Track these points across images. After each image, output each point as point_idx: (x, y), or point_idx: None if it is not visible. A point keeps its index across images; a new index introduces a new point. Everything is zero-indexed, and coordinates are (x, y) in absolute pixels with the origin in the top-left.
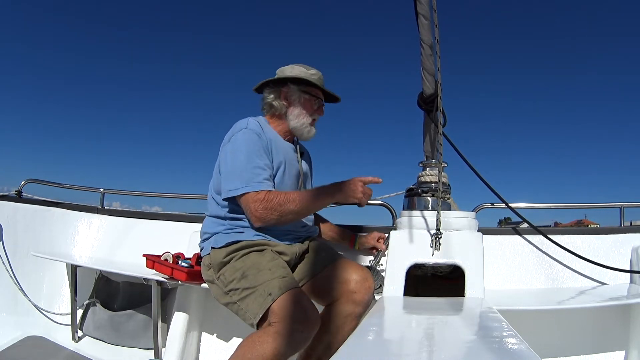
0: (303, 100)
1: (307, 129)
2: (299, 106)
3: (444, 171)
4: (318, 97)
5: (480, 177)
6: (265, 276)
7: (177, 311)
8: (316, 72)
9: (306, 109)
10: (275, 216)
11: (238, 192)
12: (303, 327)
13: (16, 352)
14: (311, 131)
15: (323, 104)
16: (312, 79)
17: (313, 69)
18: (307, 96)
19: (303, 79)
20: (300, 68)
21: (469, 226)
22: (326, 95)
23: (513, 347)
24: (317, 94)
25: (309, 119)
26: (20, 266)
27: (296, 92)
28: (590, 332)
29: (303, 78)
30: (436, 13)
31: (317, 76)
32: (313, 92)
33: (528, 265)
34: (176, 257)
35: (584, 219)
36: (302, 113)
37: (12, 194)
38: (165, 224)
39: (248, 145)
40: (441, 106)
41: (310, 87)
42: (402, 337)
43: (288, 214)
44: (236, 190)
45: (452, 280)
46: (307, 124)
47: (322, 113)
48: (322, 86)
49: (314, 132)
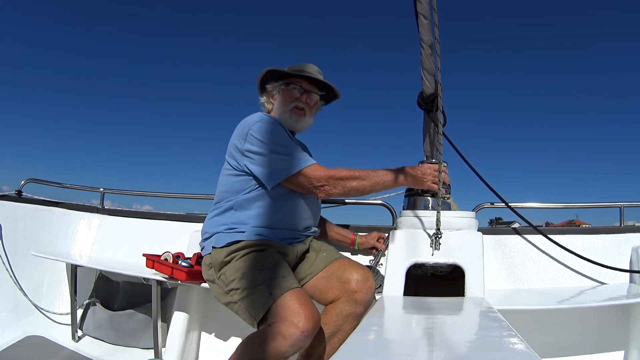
0: (282, 92)
1: (292, 117)
2: (279, 99)
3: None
4: (294, 83)
5: (480, 177)
6: (266, 276)
7: (177, 311)
8: (302, 65)
9: (285, 99)
10: (340, 189)
11: (294, 170)
12: (303, 326)
13: (16, 352)
14: (299, 121)
15: (305, 90)
16: (288, 70)
17: (302, 64)
18: (284, 86)
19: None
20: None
21: (469, 226)
22: (323, 88)
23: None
24: (292, 82)
25: (288, 106)
26: (20, 266)
27: (276, 87)
28: (590, 332)
29: (275, 70)
30: (436, 13)
31: (302, 68)
32: (289, 81)
33: (528, 265)
34: (176, 256)
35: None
36: (282, 102)
37: (12, 193)
38: (165, 224)
39: (275, 130)
40: (441, 106)
41: (290, 78)
42: (402, 337)
43: (350, 190)
44: (290, 169)
45: (452, 280)
46: (287, 112)
47: (303, 100)
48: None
49: (303, 121)
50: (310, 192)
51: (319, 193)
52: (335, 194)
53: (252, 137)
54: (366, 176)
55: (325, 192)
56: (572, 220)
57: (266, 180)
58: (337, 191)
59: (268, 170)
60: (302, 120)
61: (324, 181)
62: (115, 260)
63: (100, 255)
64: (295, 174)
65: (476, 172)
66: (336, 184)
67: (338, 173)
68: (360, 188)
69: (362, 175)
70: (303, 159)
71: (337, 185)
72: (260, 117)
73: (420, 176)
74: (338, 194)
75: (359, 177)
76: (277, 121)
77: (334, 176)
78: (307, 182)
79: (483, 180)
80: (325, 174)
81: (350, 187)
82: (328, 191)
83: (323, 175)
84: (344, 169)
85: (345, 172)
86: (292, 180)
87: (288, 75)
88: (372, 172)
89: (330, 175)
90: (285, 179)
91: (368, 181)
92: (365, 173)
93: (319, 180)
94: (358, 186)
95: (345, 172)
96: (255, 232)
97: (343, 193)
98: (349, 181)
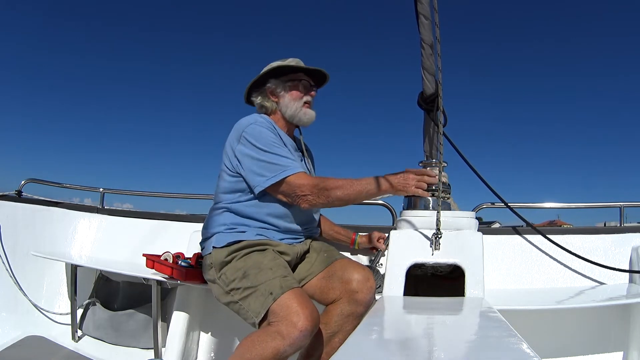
0: (288, 88)
1: (302, 112)
2: (286, 95)
3: (444, 171)
4: (302, 79)
5: (480, 177)
6: (266, 276)
7: (177, 311)
8: (292, 59)
9: (294, 94)
10: (323, 199)
11: (278, 178)
12: (302, 326)
13: (16, 351)
14: (307, 113)
15: (311, 84)
16: (289, 64)
17: (289, 59)
18: (291, 83)
19: (278, 67)
20: (275, 63)
21: (469, 226)
22: (315, 78)
23: (513, 347)
24: (300, 77)
25: (300, 102)
26: (20, 266)
27: (279, 84)
28: (590, 332)
29: (278, 67)
30: (437, 13)
31: (294, 62)
32: (295, 77)
33: (528, 265)
34: (176, 257)
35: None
36: (292, 99)
37: (12, 193)
38: (165, 224)
39: (267, 135)
40: (441, 106)
41: (291, 74)
42: (402, 336)
43: (335, 200)
44: (275, 177)
45: (452, 280)
46: (299, 107)
47: (313, 93)
48: (299, 66)
49: (311, 114)
50: (294, 202)
51: (302, 203)
52: (319, 204)
53: (245, 139)
54: (350, 185)
55: (309, 202)
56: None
57: (252, 185)
58: (321, 201)
59: (253, 175)
60: (310, 112)
61: (307, 190)
62: (115, 260)
63: (100, 255)
64: (279, 182)
65: (476, 172)
66: (320, 194)
67: (322, 182)
68: (344, 197)
69: (346, 185)
70: (290, 166)
71: (321, 194)
72: (254, 120)
73: (402, 182)
74: (322, 204)
75: (343, 186)
76: (270, 125)
77: (318, 185)
78: (291, 190)
79: (483, 180)
80: (310, 182)
81: (334, 197)
82: (311, 201)
83: (306, 183)
84: (329, 178)
85: (329, 181)
86: (276, 188)
87: (291, 71)
88: (356, 181)
89: (315, 184)
90: (269, 186)
91: (352, 190)
92: (349, 182)
93: (302, 190)
94: (342, 195)
95: (329, 182)
96: (256, 232)
97: (327, 203)
98: (334, 191)
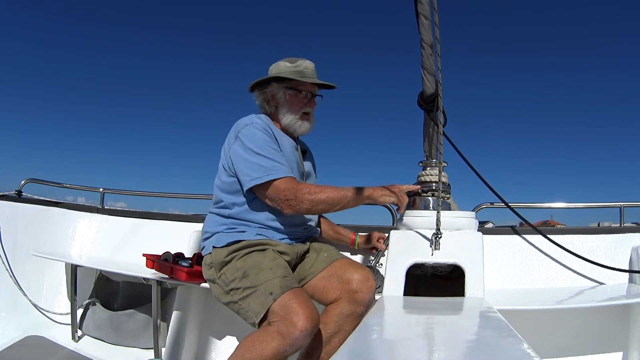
0: (288, 97)
1: (297, 124)
2: (285, 104)
3: (444, 171)
4: (304, 89)
5: (480, 177)
6: (266, 275)
7: (177, 311)
8: (301, 64)
9: (292, 104)
10: (307, 205)
11: (263, 180)
12: (302, 326)
13: (16, 351)
14: (303, 125)
15: (312, 95)
16: (294, 73)
17: (299, 61)
18: (292, 92)
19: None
20: (284, 63)
21: (469, 226)
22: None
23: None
24: (303, 87)
25: (297, 114)
26: (20, 266)
27: (280, 90)
28: (590, 332)
29: (282, 76)
30: (437, 13)
31: (301, 68)
32: (298, 86)
33: (528, 265)
34: (176, 257)
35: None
36: (290, 109)
37: (12, 193)
38: (165, 224)
39: (260, 137)
40: (441, 106)
41: (295, 82)
42: (402, 336)
43: (319, 204)
44: (260, 179)
45: (452, 280)
46: (296, 120)
47: (312, 105)
48: (304, 78)
49: (307, 126)
50: (277, 206)
51: (285, 208)
52: (302, 210)
53: (240, 140)
54: (333, 191)
55: (292, 208)
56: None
57: (242, 184)
58: (305, 206)
59: (242, 175)
60: (306, 125)
61: (290, 195)
62: (115, 261)
63: (100, 255)
64: (264, 184)
65: (476, 172)
66: (304, 200)
67: (306, 188)
68: (327, 201)
69: (328, 190)
70: (276, 170)
71: (304, 200)
72: (251, 121)
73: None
74: (305, 210)
75: (325, 192)
76: (267, 127)
77: (302, 190)
78: (275, 194)
79: (483, 180)
80: (294, 187)
81: (318, 201)
82: (294, 206)
83: (290, 188)
84: (314, 184)
85: (314, 188)
86: (262, 191)
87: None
88: (340, 188)
89: (299, 189)
90: (257, 189)
91: (335, 195)
92: (333, 189)
93: (285, 194)
94: (326, 199)
95: (314, 188)
96: (256, 232)
97: (310, 209)
98: (317, 194)
